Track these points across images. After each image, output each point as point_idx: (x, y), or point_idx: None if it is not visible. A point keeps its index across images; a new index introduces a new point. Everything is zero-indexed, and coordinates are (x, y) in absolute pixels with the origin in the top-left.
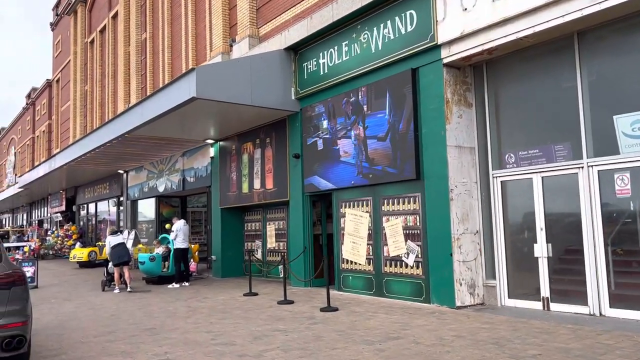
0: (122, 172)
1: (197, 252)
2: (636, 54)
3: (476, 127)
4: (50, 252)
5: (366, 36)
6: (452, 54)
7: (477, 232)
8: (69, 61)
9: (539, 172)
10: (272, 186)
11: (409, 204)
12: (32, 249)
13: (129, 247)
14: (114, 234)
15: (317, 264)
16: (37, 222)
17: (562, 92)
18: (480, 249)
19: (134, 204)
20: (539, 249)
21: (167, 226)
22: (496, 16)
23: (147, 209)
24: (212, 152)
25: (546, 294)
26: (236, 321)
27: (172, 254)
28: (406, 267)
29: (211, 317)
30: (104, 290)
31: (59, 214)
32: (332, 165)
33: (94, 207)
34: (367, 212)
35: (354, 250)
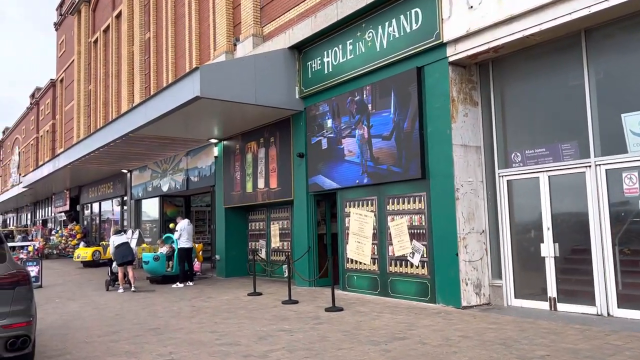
0: (126, 171)
1: (201, 252)
2: None
3: (482, 126)
4: (54, 252)
5: (371, 35)
6: (457, 52)
7: (483, 231)
8: (73, 61)
9: (546, 171)
10: (276, 185)
11: (414, 203)
12: (36, 248)
13: (133, 246)
14: (118, 233)
15: (321, 264)
16: (41, 221)
17: (569, 91)
18: (486, 249)
19: (137, 204)
20: (546, 249)
21: (171, 226)
22: (502, 14)
23: (150, 208)
24: (216, 151)
25: (553, 294)
26: (241, 321)
27: (176, 253)
28: (411, 266)
29: (215, 317)
30: (108, 289)
31: (62, 214)
32: (336, 164)
33: (97, 207)
34: (372, 211)
35: (358, 249)
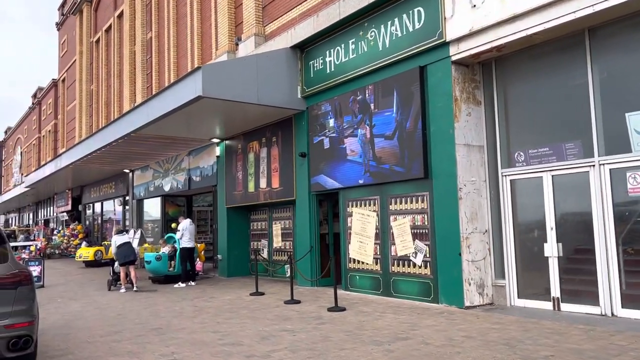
0: (127, 171)
1: (203, 252)
2: None
3: (485, 125)
4: (56, 252)
5: (373, 34)
6: (460, 51)
7: (486, 231)
8: (75, 61)
9: (549, 170)
10: (278, 185)
11: (417, 203)
12: (38, 248)
13: (135, 246)
14: (120, 233)
15: (323, 264)
16: (43, 221)
17: (572, 90)
18: (489, 249)
19: (139, 203)
20: (549, 249)
21: (173, 225)
22: (505, 13)
23: (152, 208)
24: (218, 151)
25: (557, 294)
26: (243, 321)
27: (178, 253)
28: (414, 266)
29: (218, 317)
30: (110, 289)
31: (65, 213)
32: (338, 164)
33: (99, 207)
34: (375, 211)
35: (361, 249)
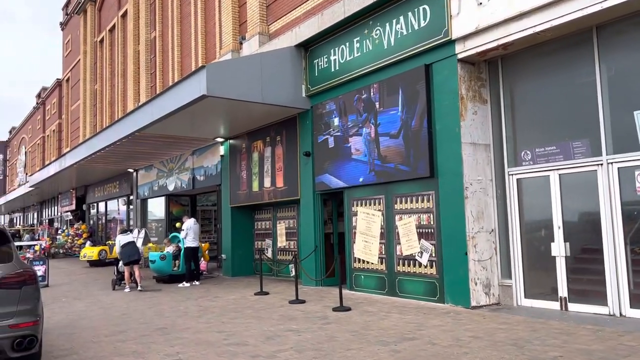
0: (132, 170)
1: (207, 251)
2: None
3: (491, 124)
4: (60, 251)
5: (378, 32)
6: (466, 49)
7: (492, 230)
8: (79, 60)
9: (557, 169)
10: (283, 184)
11: (423, 202)
12: (42, 247)
13: (139, 246)
14: (124, 232)
15: (328, 263)
16: (47, 221)
17: (580, 88)
18: (495, 248)
19: (143, 203)
20: (557, 248)
21: (178, 225)
22: (512, 10)
23: (156, 207)
24: (222, 150)
25: (564, 293)
26: (248, 321)
27: (182, 252)
28: (420, 266)
29: (223, 317)
30: (114, 289)
31: (69, 213)
32: (343, 163)
33: (103, 206)
34: (380, 210)
35: (366, 249)
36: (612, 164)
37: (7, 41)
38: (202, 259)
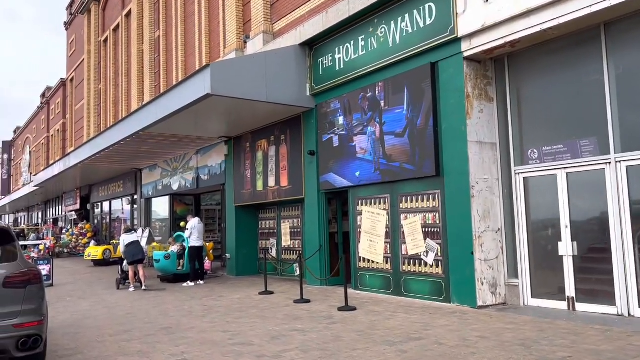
0: (136, 170)
1: (212, 250)
2: None
3: (497, 122)
4: (65, 251)
5: (383, 30)
6: (472, 47)
7: (498, 230)
8: (83, 60)
9: (564, 168)
10: (287, 184)
11: (428, 201)
12: (47, 247)
13: (143, 245)
14: (129, 232)
15: (332, 263)
16: (52, 220)
17: (588, 86)
18: (502, 247)
19: (148, 202)
20: (564, 247)
21: (182, 224)
22: (519, 7)
23: (161, 207)
24: (226, 149)
25: (571, 293)
26: (253, 320)
27: (186, 252)
28: (425, 265)
29: (227, 316)
30: (118, 288)
31: (73, 212)
32: (348, 162)
33: (108, 206)
34: (385, 209)
35: (371, 248)
36: (620, 162)
37: (10, 41)
38: (206, 259)
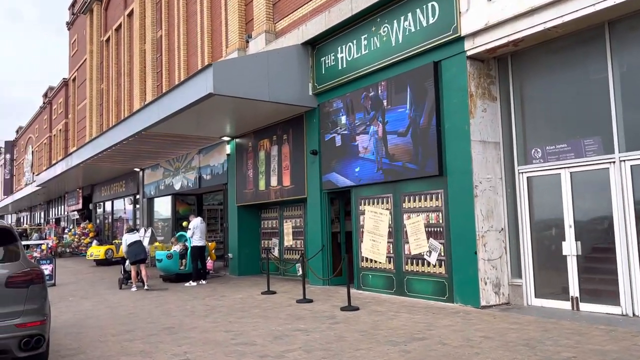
0: (138, 170)
1: (214, 250)
2: None
3: (501, 122)
4: (67, 250)
5: (386, 29)
6: (476, 46)
7: (502, 229)
8: (85, 60)
9: (568, 167)
10: (289, 183)
11: (431, 200)
12: (49, 246)
13: (146, 245)
14: (131, 231)
15: (335, 262)
16: (54, 220)
17: (592, 85)
18: (505, 247)
19: (150, 202)
20: (568, 247)
21: (184, 224)
22: (523, 6)
23: (163, 207)
24: (228, 149)
25: (575, 293)
26: (255, 320)
27: (189, 251)
28: (428, 265)
29: (230, 316)
30: (121, 288)
31: (75, 212)
32: (350, 161)
33: (110, 205)
34: (387, 209)
35: (373, 248)
36: (624, 161)
37: (11, 41)
38: (208, 258)
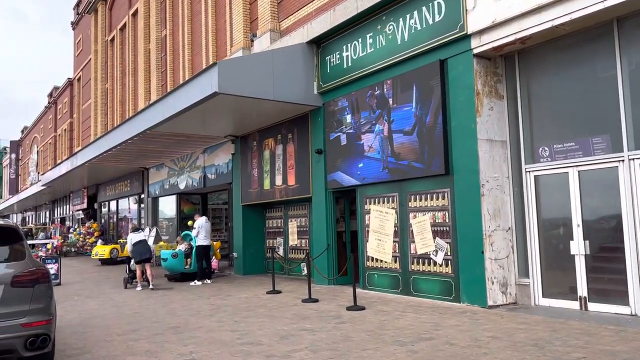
0: (143, 169)
1: (219, 249)
2: None
3: (508, 120)
4: (72, 250)
5: (392, 27)
6: (482, 43)
7: (509, 228)
8: (90, 60)
9: (576, 166)
10: (294, 182)
11: (438, 199)
12: (54, 246)
13: (150, 244)
14: (136, 231)
15: (340, 262)
16: (59, 219)
17: (600, 82)
18: (512, 246)
19: (154, 201)
20: (576, 246)
21: (189, 223)
22: (530, 3)
23: (167, 206)
24: (233, 148)
25: (583, 293)
26: (261, 320)
27: (194, 251)
28: (434, 265)
29: (235, 316)
30: (126, 287)
31: (80, 212)
32: (356, 160)
33: (115, 205)
34: (393, 208)
35: (379, 247)
36: (633, 160)
37: (16, 41)
38: (213, 258)
